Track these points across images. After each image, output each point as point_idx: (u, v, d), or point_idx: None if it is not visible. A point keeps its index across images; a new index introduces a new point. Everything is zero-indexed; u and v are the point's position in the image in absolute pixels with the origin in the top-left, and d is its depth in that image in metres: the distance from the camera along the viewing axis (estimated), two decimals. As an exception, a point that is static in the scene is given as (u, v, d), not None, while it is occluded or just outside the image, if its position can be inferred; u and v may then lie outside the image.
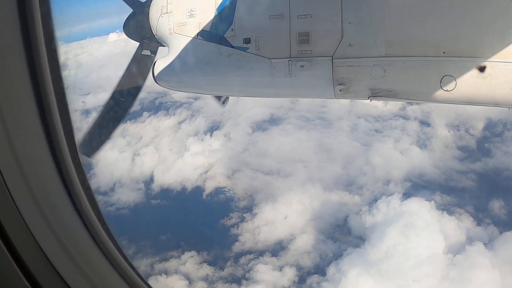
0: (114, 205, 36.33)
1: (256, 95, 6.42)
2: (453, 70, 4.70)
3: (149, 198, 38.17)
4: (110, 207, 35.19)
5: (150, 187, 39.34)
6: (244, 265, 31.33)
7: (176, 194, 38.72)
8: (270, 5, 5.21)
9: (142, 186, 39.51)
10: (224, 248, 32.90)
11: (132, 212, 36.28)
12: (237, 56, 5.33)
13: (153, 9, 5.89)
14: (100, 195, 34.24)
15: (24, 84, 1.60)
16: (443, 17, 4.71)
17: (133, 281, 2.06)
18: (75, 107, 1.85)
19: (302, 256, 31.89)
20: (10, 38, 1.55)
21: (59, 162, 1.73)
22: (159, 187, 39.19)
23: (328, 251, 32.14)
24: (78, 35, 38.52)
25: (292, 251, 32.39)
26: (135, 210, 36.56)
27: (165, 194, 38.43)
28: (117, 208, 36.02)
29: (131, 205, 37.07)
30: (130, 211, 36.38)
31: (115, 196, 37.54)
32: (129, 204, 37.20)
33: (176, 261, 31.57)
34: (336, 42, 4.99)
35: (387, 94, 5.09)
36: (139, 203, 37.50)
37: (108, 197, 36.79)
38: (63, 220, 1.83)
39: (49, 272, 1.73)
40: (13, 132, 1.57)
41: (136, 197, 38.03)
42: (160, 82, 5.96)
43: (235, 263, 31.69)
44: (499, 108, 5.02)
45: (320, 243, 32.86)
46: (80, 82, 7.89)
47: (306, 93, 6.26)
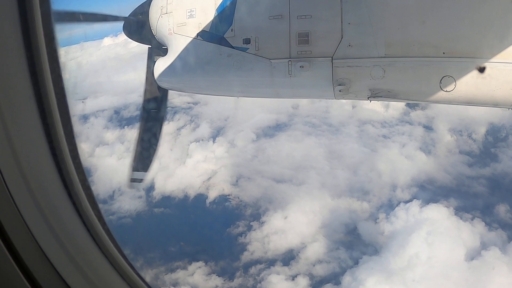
0: (115, 213, 35.10)
1: (256, 95, 6.42)
2: (452, 70, 4.71)
3: (151, 206, 36.95)
4: (111, 216, 33.96)
5: (151, 194, 38.07)
6: (255, 275, 30.26)
7: (178, 202, 37.51)
8: (270, 6, 5.22)
9: (143, 193, 38.19)
10: (232, 258, 31.67)
11: (134, 221, 34.99)
12: (237, 56, 5.33)
13: (153, 10, 5.89)
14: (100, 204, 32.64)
15: (24, 84, 1.60)
16: (443, 18, 4.72)
17: (133, 281, 2.06)
18: (75, 108, 1.85)
19: (315, 265, 30.93)
20: (10, 38, 1.55)
21: (59, 162, 1.73)
22: (160, 194, 37.96)
23: (341, 259, 31.20)
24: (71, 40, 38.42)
25: (303, 260, 31.36)
26: (138, 219, 35.30)
27: (167, 202, 37.23)
28: (118, 217, 34.73)
29: (133, 214, 35.83)
30: (133, 220, 35.12)
31: (115, 205, 36.26)
32: (131, 212, 35.95)
33: (183, 272, 30.44)
34: (335, 42, 4.99)
35: (386, 95, 5.10)
36: (141, 212, 36.31)
37: (109, 206, 35.61)
38: (63, 220, 1.83)
39: (49, 272, 1.73)
40: (13, 132, 1.57)
41: (137, 205, 36.81)
42: (160, 83, 5.97)
43: (245, 273, 30.52)
44: (502, 112, 5.04)
45: (332, 251, 31.89)
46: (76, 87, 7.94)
47: (305, 93, 6.26)
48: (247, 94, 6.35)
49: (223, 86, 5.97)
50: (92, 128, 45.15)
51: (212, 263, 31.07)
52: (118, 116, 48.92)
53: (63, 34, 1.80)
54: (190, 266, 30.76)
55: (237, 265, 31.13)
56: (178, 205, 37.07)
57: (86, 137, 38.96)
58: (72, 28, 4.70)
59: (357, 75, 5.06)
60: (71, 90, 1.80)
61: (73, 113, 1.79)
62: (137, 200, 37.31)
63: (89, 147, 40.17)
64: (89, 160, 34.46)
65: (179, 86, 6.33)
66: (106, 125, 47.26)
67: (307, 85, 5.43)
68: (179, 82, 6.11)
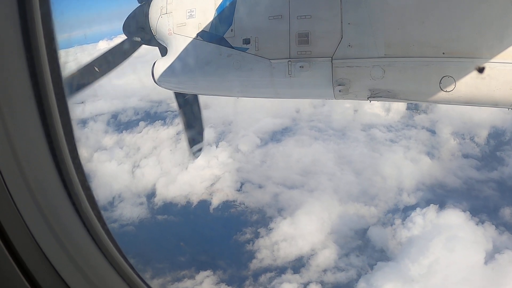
0: (117, 221, 34.15)
1: (256, 95, 6.42)
2: (452, 70, 4.71)
3: (153, 213, 35.91)
4: (113, 224, 32.96)
5: (152, 201, 37.12)
6: (266, 284, 29.27)
7: (181, 208, 36.47)
8: (269, 6, 5.22)
9: (144, 200, 37.30)
10: (241, 266, 30.68)
11: (137, 228, 34.01)
12: (236, 56, 5.33)
13: (153, 10, 5.89)
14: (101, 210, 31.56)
15: (24, 84, 1.60)
16: (443, 18, 4.72)
17: (133, 281, 2.06)
18: (75, 108, 1.85)
19: (326, 272, 30.14)
20: (10, 38, 1.55)
21: (59, 163, 1.73)
22: (162, 201, 37.01)
23: (354, 265, 30.32)
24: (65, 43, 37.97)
25: (314, 267, 30.57)
26: (141, 226, 34.28)
27: (170, 209, 36.22)
28: (121, 224, 33.82)
29: (136, 221, 34.89)
30: (136, 227, 34.14)
31: (117, 212, 35.29)
32: (133, 220, 34.98)
33: (191, 281, 29.52)
34: (335, 42, 4.99)
35: (386, 95, 5.09)
36: (144, 219, 35.31)
37: (110, 213, 34.78)
38: (63, 221, 1.83)
39: (49, 272, 1.73)
40: (13, 132, 1.57)
41: (139, 212, 35.77)
42: (160, 83, 5.96)
43: (255, 281, 29.59)
44: (504, 115, 5.05)
45: (343, 257, 31.06)
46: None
47: (305, 93, 6.26)
48: (247, 94, 6.35)
49: (223, 86, 5.97)
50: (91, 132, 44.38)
51: (220, 271, 30.06)
52: (116, 120, 48.27)
53: (61, 35, 1.80)
54: (197, 275, 29.83)
55: (246, 273, 30.17)
56: (181, 212, 36.01)
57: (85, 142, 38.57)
58: (71, 30, 4.73)
59: (357, 75, 5.06)
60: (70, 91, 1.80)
61: (73, 114, 1.79)
62: (139, 207, 36.34)
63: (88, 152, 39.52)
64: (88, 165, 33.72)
65: (178, 86, 6.33)
66: (105, 129, 46.57)
67: (307, 85, 5.43)
68: (178, 82, 6.12)
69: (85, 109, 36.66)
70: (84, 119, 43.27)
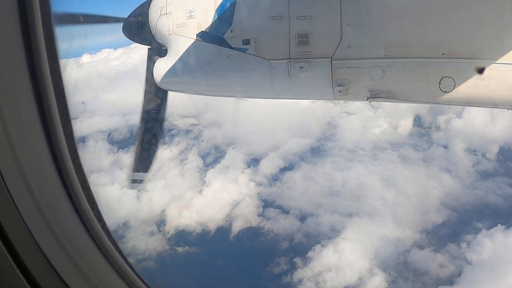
0: (131, 255, 28.75)
1: (255, 96, 6.43)
2: (452, 71, 4.71)
3: (171, 244, 31.58)
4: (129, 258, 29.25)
5: (163, 229, 32.77)
6: None
7: (197, 236, 32.06)
8: (269, 6, 5.22)
9: (155, 228, 33.06)
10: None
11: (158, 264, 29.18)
12: (236, 57, 5.33)
13: (153, 10, 5.90)
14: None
15: (24, 84, 1.60)
16: (442, 19, 4.72)
17: (133, 281, 2.06)
18: (75, 108, 1.85)
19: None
20: (10, 38, 1.55)
21: (59, 162, 1.74)
22: (174, 229, 32.81)
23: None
24: None
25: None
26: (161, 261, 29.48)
27: (184, 238, 31.97)
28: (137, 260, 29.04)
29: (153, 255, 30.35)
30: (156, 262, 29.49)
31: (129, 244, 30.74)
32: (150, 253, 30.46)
33: None
34: (335, 43, 5.00)
35: (386, 96, 5.10)
36: (162, 252, 30.78)
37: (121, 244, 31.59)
38: (62, 221, 1.83)
39: (49, 272, 1.73)
40: (13, 132, 1.57)
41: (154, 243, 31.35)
42: (160, 83, 5.97)
43: None
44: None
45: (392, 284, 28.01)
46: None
47: (305, 94, 6.26)
48: (247, 95, 6.36)
49: (223, 86, 5.98)
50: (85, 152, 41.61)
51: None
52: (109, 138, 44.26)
53: (63, 36, 1.80)
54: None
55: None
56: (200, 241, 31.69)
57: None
58: (72, 30, 4.70)
59: (357, 76, 5.06)
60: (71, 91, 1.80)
61: (73, 114, 1.79)
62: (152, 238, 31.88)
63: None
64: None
65: (178, 87, 6.33)
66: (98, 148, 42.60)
67: (307, 85, 5.43)
68: (178, 83, 6.12)
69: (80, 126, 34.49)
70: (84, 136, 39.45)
